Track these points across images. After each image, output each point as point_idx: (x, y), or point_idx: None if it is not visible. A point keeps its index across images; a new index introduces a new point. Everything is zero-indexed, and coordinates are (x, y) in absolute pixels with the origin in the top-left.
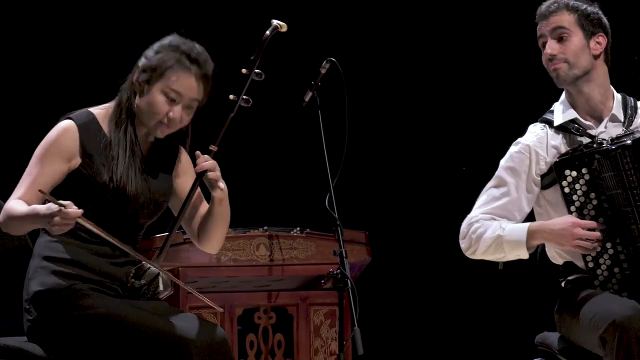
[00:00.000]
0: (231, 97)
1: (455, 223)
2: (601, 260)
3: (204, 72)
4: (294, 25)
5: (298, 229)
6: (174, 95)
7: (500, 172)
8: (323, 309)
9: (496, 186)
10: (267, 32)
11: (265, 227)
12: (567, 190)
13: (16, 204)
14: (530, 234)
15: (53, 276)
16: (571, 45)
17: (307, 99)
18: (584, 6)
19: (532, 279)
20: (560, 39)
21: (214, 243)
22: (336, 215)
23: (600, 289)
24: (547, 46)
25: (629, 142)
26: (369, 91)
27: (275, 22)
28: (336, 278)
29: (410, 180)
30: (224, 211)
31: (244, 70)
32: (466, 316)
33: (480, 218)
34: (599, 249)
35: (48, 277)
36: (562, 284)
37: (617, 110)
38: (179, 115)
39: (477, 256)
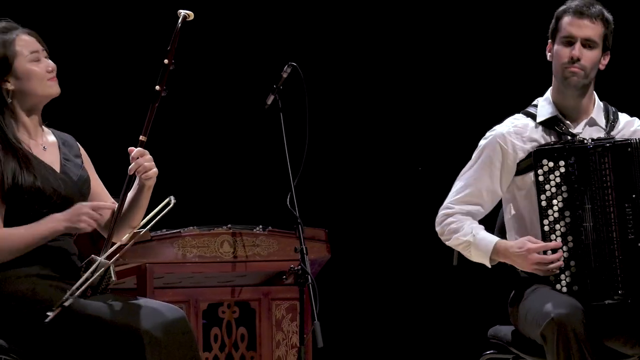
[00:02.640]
0: (157, 87)
1: (411, 222)
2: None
3: (25, 28)
4: (258, 31)
5: (260, 226)
6: (35, 54)
7: (475, 158)
8: (284, 304)
9: (471, 172)
10: (178, 24)
11: (229, 225)
12: (541, 178)
13: (7, 232)
14: (495, 251)
15: (18, 284)
16: (593, 57)
17: (269, 102)
18: (612, 22)
19: (484, 275)
20: (586, 47)
21: (128, 230)
22: (297, 214)
23: (553, 282)
24: (575, 48)
25: (608, 144)
26: (329, 94)
27: (182, 12)
28: (297, 274)
29: (368, 181)
30: (147, 199)
31: (165, 61)
32: (422, 310)
33: (456, 212)
34: (557, 271)
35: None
36: (516, 276)
37: (598, 115)
38: (51, 63)
39: (448, 244)
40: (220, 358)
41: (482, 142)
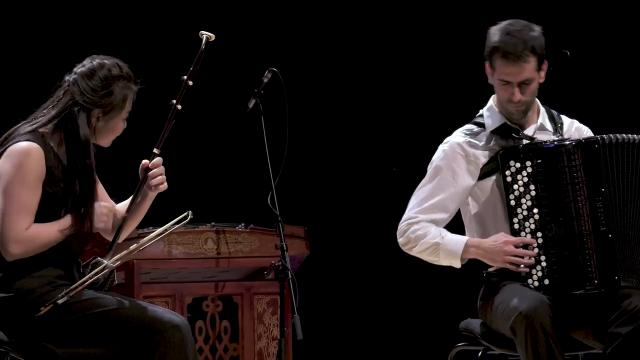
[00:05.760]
0: (174, 104)
1: (386, 220)
2: (529, 248)
3: (137, 86)
4: (239, 39)
5: (243, 224)
6: (126, 114)
7: (434, 171)
8: (266, 298)
9: (433, 184)
10: (202, 46)
11: (213, 223)
12: (509, 179)
13: (45, 228)
14: (466, 249)
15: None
16: (532, 89)
17: (250, 105)
18: (539, 41)
19: (456, 270)
20: (523, 84)
21: (128, 233)
22: (277, 212)
23: (524, 276)
24: (514, 93)
25: (575, 142)
26: (308, 98)
27: (204, 34)
28: (278, 270)
29: (345, 181)
30: (147, 208)
31: (188, 81)
32: (396, 304)
33: (420, 219)
34: (527, 270)
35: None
36: (484, 274)
37: (544, 120)
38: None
39: (413, 253)
40: (205, 350)
41: (438, 155)
